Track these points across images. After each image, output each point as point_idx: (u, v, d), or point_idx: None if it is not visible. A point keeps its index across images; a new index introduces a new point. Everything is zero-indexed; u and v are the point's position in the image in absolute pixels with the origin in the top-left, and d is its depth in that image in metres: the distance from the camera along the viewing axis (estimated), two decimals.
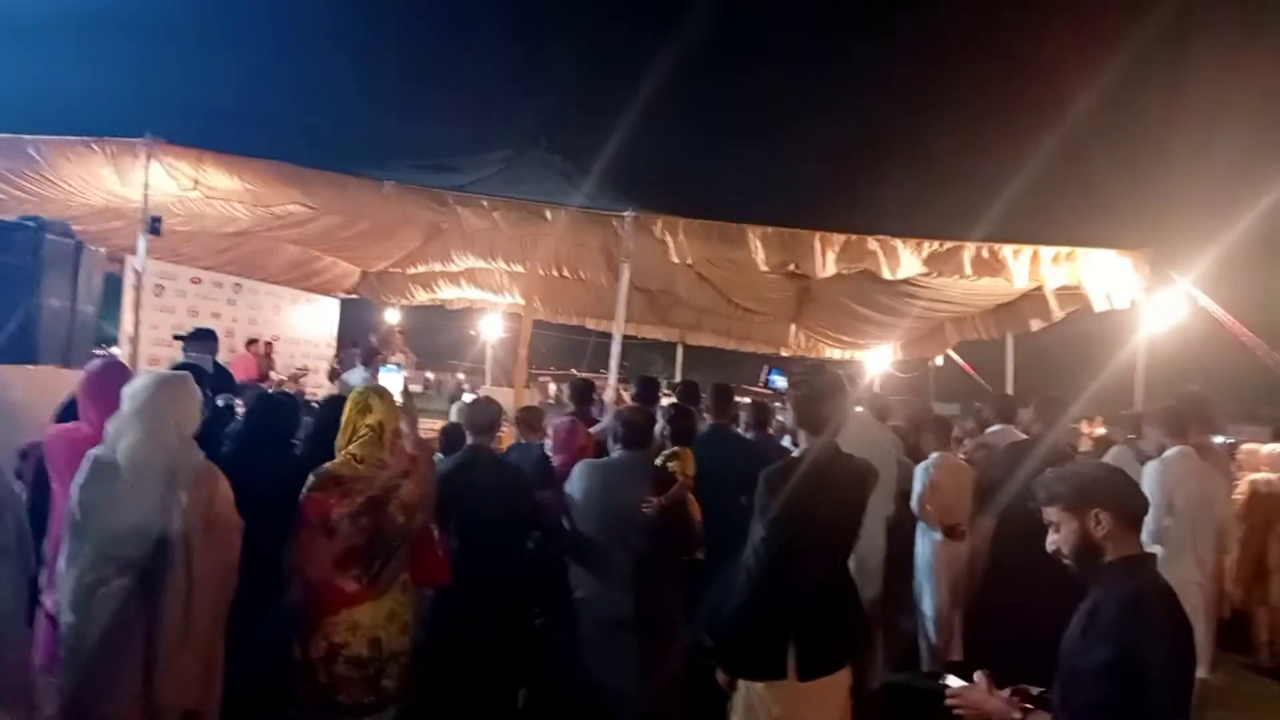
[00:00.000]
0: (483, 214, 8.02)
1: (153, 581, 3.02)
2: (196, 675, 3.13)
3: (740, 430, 5.47)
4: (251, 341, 10.67)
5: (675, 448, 4.25)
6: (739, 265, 9.30)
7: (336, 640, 3.31)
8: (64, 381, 5.36)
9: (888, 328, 11.78)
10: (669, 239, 7.53)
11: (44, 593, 3.18)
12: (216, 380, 5.55)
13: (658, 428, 4.25)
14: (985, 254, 7.46)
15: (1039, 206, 8.97)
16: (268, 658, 3.46)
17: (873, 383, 13.37)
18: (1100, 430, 8.93)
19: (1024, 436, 5.52)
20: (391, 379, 8.03)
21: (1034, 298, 8.90)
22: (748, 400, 11.60)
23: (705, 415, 5.15)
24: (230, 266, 11.43)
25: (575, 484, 3.75)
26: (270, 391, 4.96)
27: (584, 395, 5.63)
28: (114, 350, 9.59)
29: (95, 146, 7.58)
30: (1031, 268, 7.37)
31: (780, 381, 14.68)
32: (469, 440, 4.29)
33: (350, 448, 3.30)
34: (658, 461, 4.06)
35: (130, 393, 3.07)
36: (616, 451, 3.76)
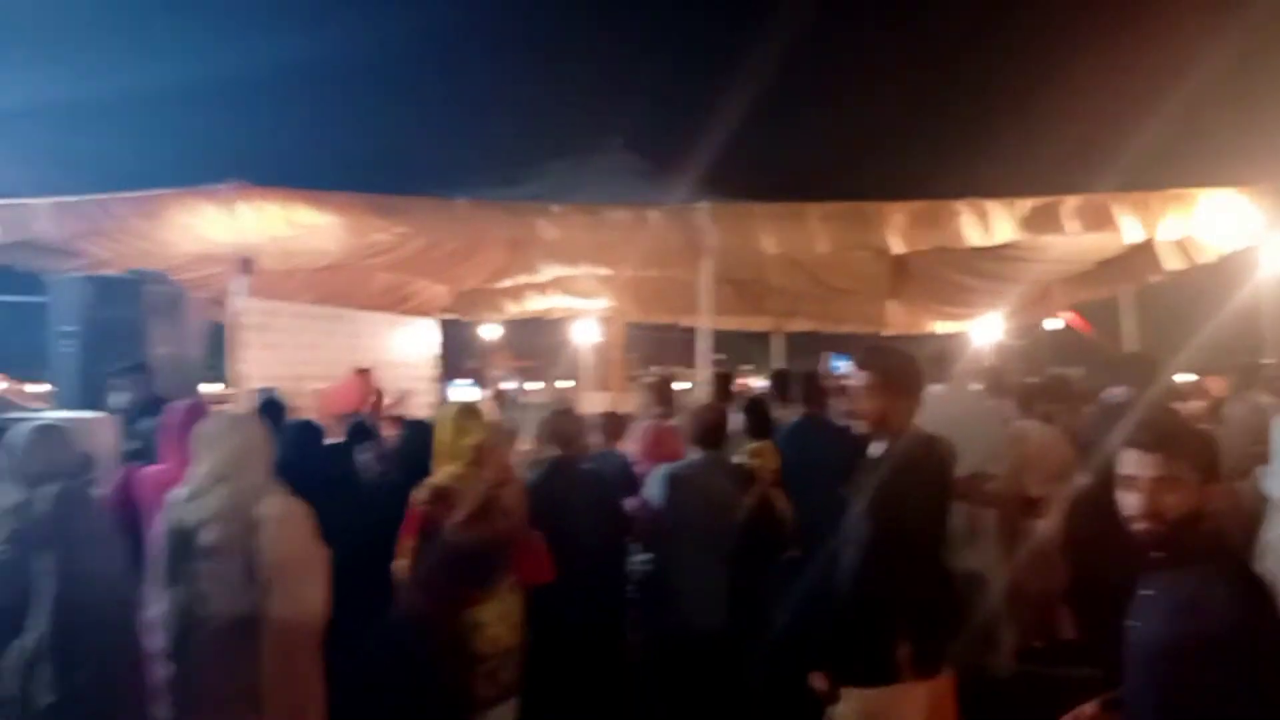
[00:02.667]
0: (556, 221, 8.02)
1: (245, 624, 3.09)
2: (303, 708, 3.20)
3: (835, 418, 5.27)
4: (360, 371, 11.01)
5: (754, 443, 4.14)
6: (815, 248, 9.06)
7: (459, 642, 3.45)
8: None
9: (991, 295, 11.29)
10: (748, 227, 7.36)
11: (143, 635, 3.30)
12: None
13: (736, 423, 4.13)
14: (1087, 205, 7.03)
15: (1142, 152, 8.37)
16: (383, 671, 3.55)
17: (982, 354, 12.81)
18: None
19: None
20: (468, 394, 8.11)
21: (1144, 249, 8.34)
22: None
23: (797, 404, 4.99)
24: (328, 298, 11.79)
25: (654, 491, 3.69)
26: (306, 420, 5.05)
27: (665, 396, 5.54)
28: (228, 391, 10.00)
29: (186, 197, 7.91)
30: (1140, 217, 6.89)
31: (844, 367, 14.17)
32: (553, 453, 4.26)
33: (451, 467, 3.36)
34: (737, 458, 3.95)
35: (202, 439, 3.15)
36: (693, 453, 3.68)
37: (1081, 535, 4.48)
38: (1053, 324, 12.33)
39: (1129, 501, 1.97)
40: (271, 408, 4.67)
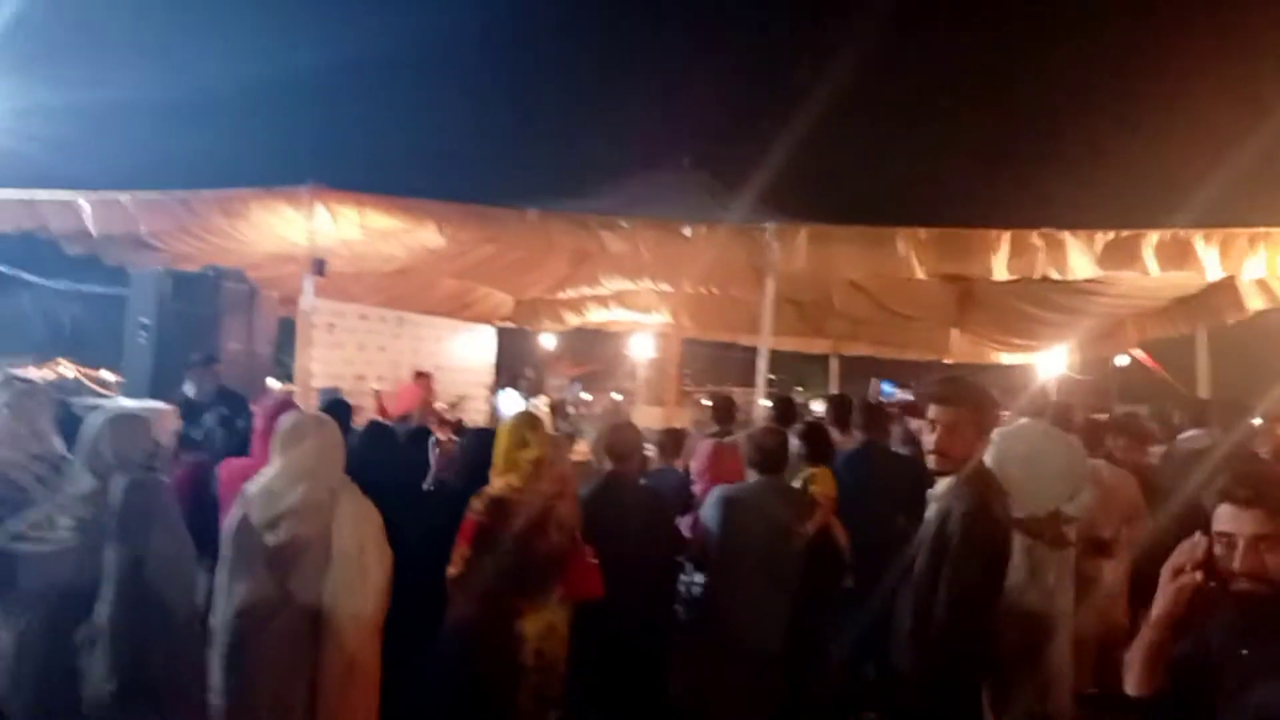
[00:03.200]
0: (624, 235, 8.04)
1: (311, 621, 3.13)
2: (361, 709, 3.23)
3: (895, 446, 5.17)
4: (420, 374, 11.17)
5: (813, 468, 4.06)
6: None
7: (506, 654, 3.45)
8: None
9: (1060, 327, 11.01)
10: (812, 249, 7.29)
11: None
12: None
13: (794, 447, 4.06)
14: (1169, 241, 6.84)
15: (1225, 189, 8.11)
16: (431, 679, 3.57)
17: (1046, 387, 12.50)
18: None
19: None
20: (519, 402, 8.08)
21: (1225, 288, 8.07)
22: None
23: (857, 432, 4.91)
24: (394, 302, 12.00)
25: (710, 514, 3.64)
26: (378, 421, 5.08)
27: (726, 414, 5.50)
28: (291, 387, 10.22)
29: (265, 197, 8.11)
30: (1223, 255, 6.68)
31: (897, 393, 13.64)
32: (608, 466, 4.25)
33: (510, 478, 3.36)
34: (797, 481, 3.88)
35: (281, 437, 3.20)
36: (751, 477, 3.62)
37: (1153, 582, 4.32)
38: (1120, 360, 11.95)
39: (1226, 559, 1.88)
40: (338, 408, 4.74)
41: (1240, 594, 1.83)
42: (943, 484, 2.60)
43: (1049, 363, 12.96)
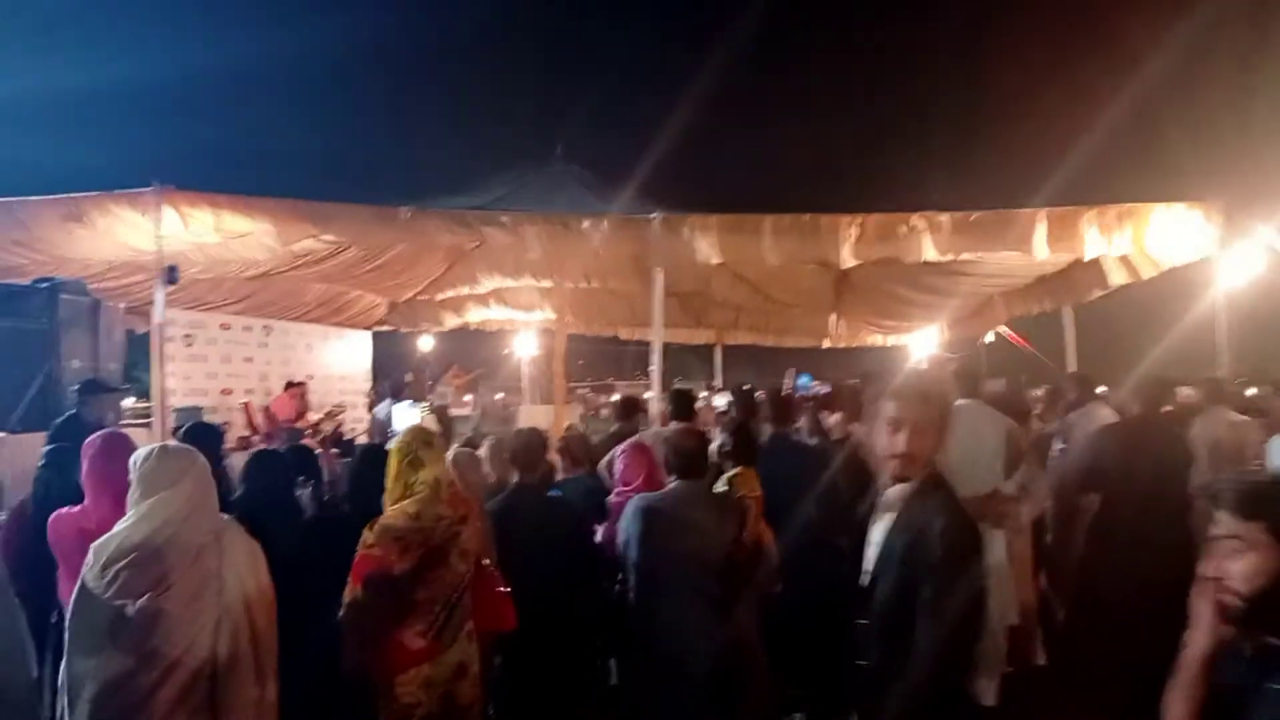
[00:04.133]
0: (507, 231, 7.61)
1: (209, 681, 2.63)
2: None
3: (803, 438, 4.96)
4: (291, 384, 10.38)
5: (736, 469, 3.76)
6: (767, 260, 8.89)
7: (409, 701, 3.01)
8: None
9: (933, 308, 11.24)
10: (699, 239, 7.06)
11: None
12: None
13: (714, 446, 3.76)
14: (1051, 221, 6.93)
15: (1092, 170, 8.35)
16: None
17: (920, 366, 12.76)
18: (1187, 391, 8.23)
19: (1114, 417, 4.97)
20: (410, 415, 7.56)
21: (1087, 264, 8.30)
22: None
23: (766, 424, 4.67)
24: (258, 309, 11.16)
25: (631, 524, 3.28)
26: (266, 449, 4.45)
27: (628, 411, 5.18)
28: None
29: (105, 202, 7.28)
30: (1102, 231, 6.80)
31: (814, 385, 13.44)
32: (515, 477, 3.87)
33: (405, 504, 2.91)
34: (719, 486, 3.59)
35: (141, 479, 2.66)
36: (671, 482, 3.30)
37: (1095, 560, 4.28)
38: (988, 338, 12.30)
39: (1221, 568, 1.74)
40: (205, 434, 4.10)
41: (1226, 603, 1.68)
42: (896, 490, 2.31)
43: (922, 343, 13.25)
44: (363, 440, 9.26)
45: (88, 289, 7.26)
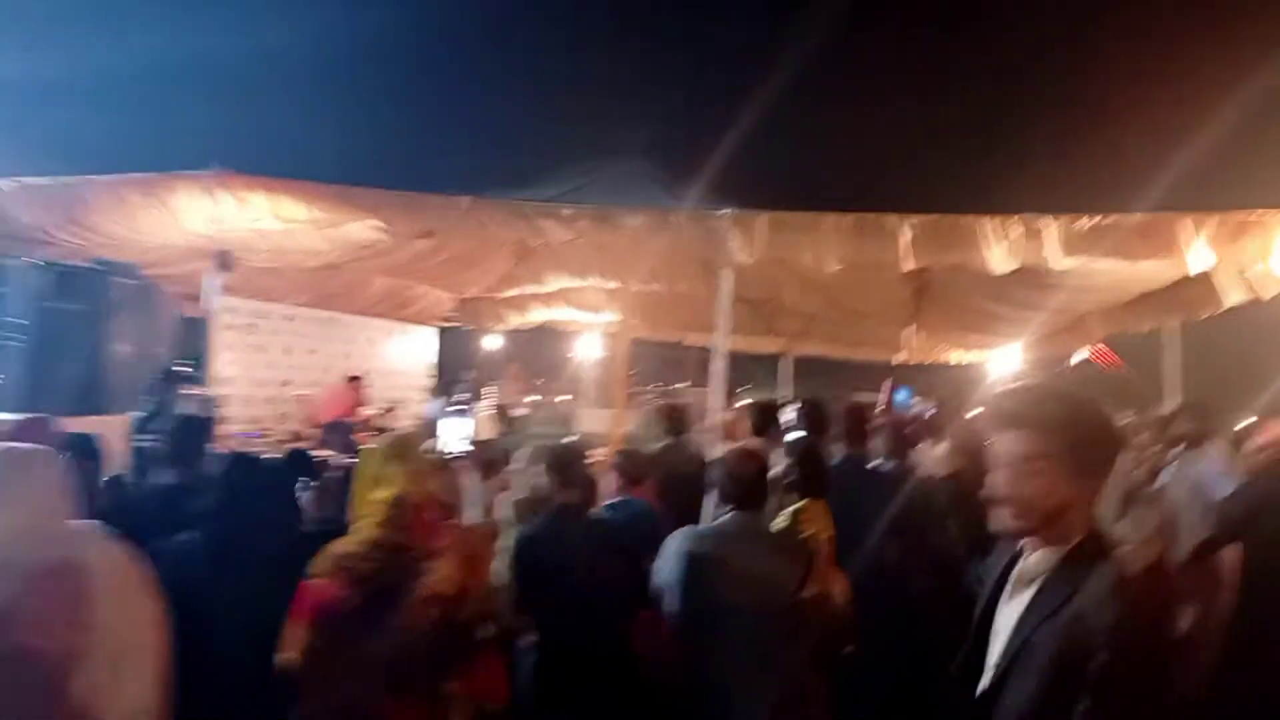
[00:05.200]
0: (565, 225, 7.07)
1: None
2: None
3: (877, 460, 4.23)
4: (351, 378, 10.03)
5: (802, 500, 3.07)
6: (854, 264, 8.16)
7: None
8: None
9: (1019, 324, 10.30)
10: (771, 237, 6.40)
11: None
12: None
13: (776, 472, 3.09)
14: (1151, 229, 6.09)
15: (1204, 173, 7.41)
16: None
17: (1046, 377, 11.82)
18: None
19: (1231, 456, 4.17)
20: (456, 424, 7.01)
21: (1199, 279, 7.37)
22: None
23: (836, 444, 3.97)
24: (324, 301, 10.86)
25: (671, 567, 2.63)
26: (247, 453, 3.81)
27: (677, 421, 4.55)
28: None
29: (163, 184, 6.98)
30: (1212, 243, 5.93)
31: (917, 404, 12.06)
32: (556, 497, 3.28)
33: (360, 526, 2.33)
34: (780, 521, 2.92)
35: None
36: (725, 514, 2.65)
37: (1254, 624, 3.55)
38: (1075, 357, 11.30)
39: None
40: (81, 445, 3.57)
41: None
42: (1040, 559, 1.62)
43: (1003, 361, 12.29)
44: None
45: (139, 272, 6.95)
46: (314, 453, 7.57)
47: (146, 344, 6.86)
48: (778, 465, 3.00)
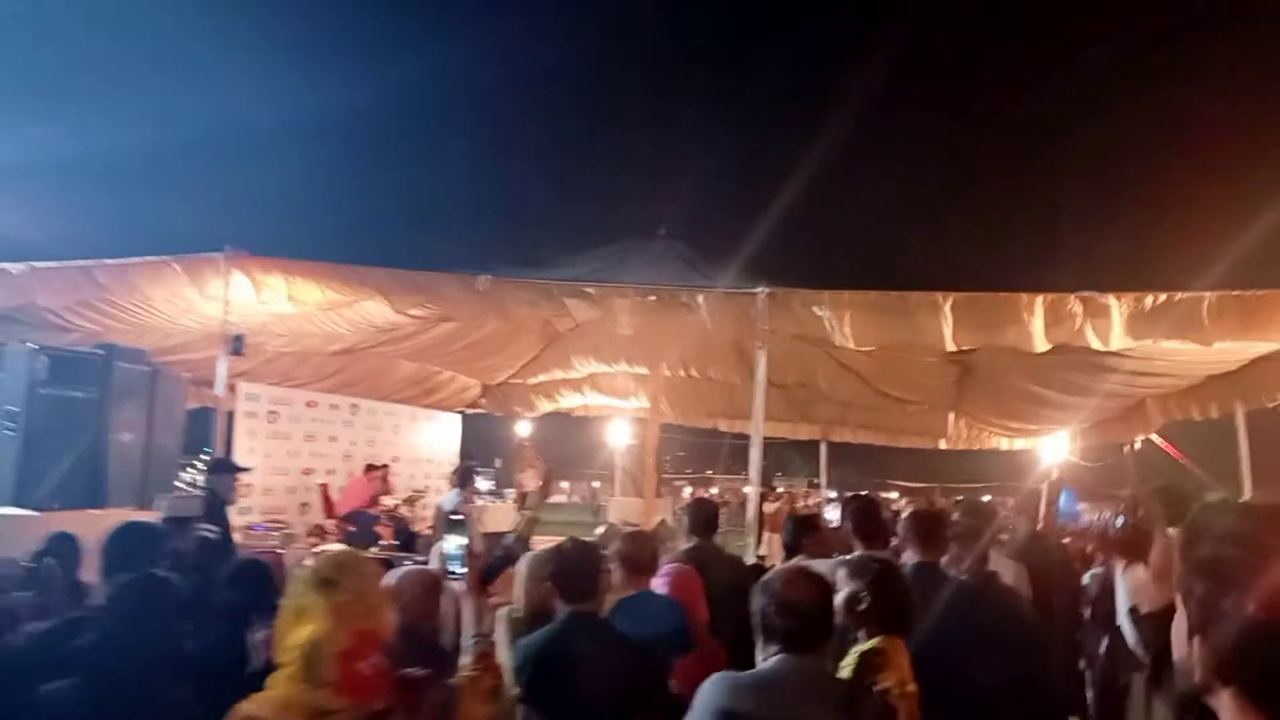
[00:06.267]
0: (593, 304, 6.57)
1: None
2: None
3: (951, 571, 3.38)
4: (371, 468, 9.43)
5: (875, 639, 2.27)
6: (891, 348, 7.53)
7: None
8: None
9: (1069, 410, 9.50)
10: (810, 316, 5.81)
11: None
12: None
13: (840, 597, 2.34)
14: (1230, 303, 5.44)
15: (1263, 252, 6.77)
16: None
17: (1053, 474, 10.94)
18: None
19: None
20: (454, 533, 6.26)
21: (1276, 360, 6.63)
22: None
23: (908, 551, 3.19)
24: (346, 387, 10.41)
25: None
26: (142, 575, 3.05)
27: (706, 521, 3.86)
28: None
29: (176, 266, 6.62)
30: None
31: (1087, 511, 9.86)
32: (562, 607, 2.64)
33: (278, 678, 1.67)
34: (846, 666, 2.19)
35: None
36: (773, 657, 1.94)
37: None
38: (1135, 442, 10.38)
39: None
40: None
41: None
42: None
43: (1051, 447, 11.40)
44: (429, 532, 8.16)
45: (147, 357, 6.50)
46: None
47: (153, 433, 6.36)
48: (843, 588, 2.26)
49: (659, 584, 2.97)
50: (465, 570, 2.49)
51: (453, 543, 2.60)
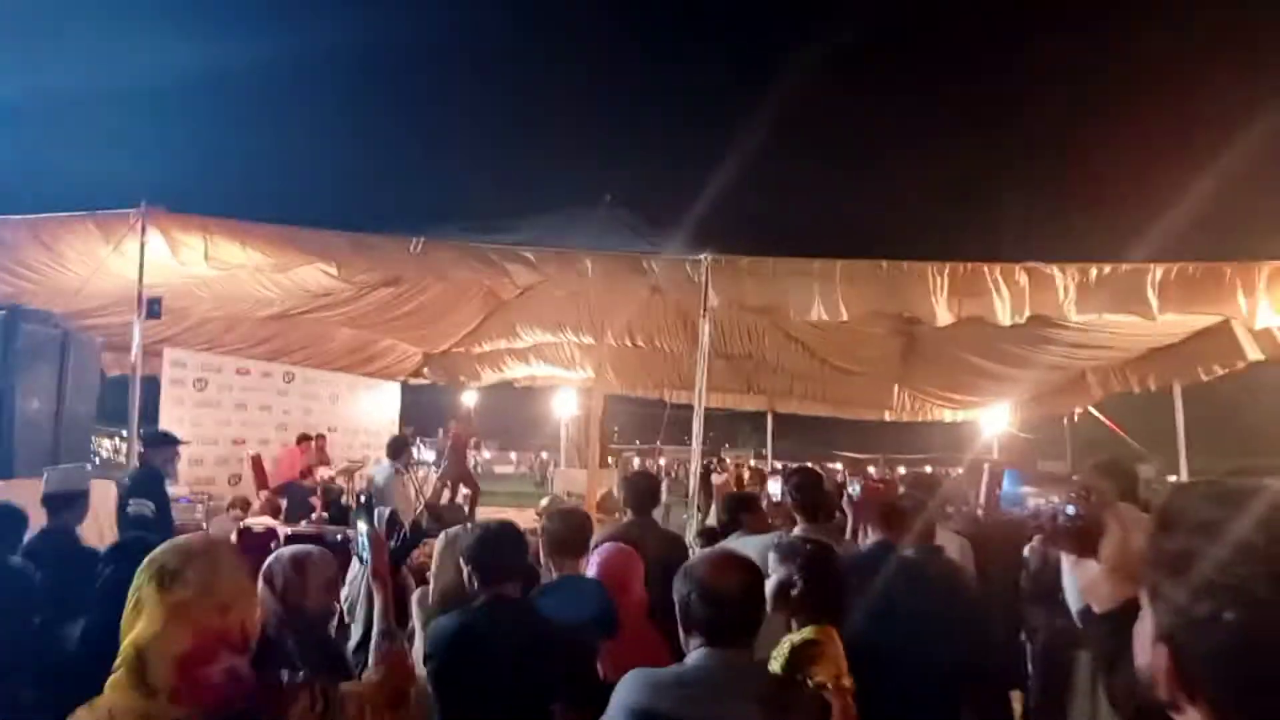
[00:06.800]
0: (532, 268, 6.27)
1: None
2: None
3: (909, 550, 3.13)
4: (304, 438, 9.03)
5: (808, 629, 2.03)
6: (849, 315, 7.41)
7: None
8: None
9: (1011, 382, 9.49)
10: (755, 285, 5.61)
11: None
12: None
13: (771, 583, 2.11)
14: (1183, 276, 5.39)
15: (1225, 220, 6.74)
16: None
17: (994, 445, 11.02)
18: None
19: None
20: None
21: (1217, 334, 6.62)
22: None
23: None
24: (281, 355, 9.96)
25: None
26: None
27: (645, 496, 3.64)
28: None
29: (89, 224, 6.15)
30: (1246, 294, 5.21)
31: (1033, 495, 9.01)
32: (479, 589, 2.40)
33: (111, 682, 1.40)
34: (777, 658, 1.97)
35: None
36: (695, 652, 1.72)
37: None
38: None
39: None
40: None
41: None
42: None
43: (992, 419, 11.46)
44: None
45: (55, 319, 6.05)
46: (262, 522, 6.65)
47: (64, 400, 5.93)
48: (773, 573, 2.04)
49: (591, 564, 2.74)
50: (371, 555, 2.23)
51: (362, 526, 2.34)
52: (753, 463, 16.98)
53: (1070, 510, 1.99)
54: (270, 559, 1.99)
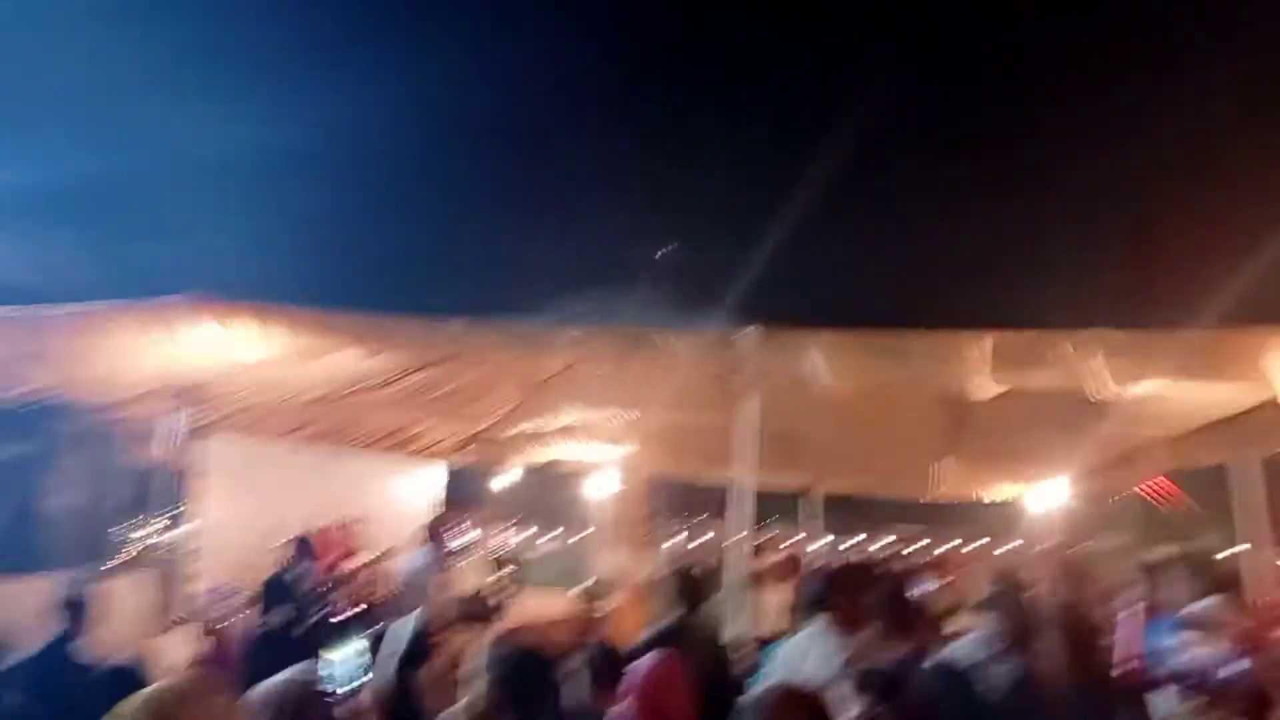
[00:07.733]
0: (572, 349, 6.11)
1: None
2: None
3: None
4: (333, 526, 8.73)
5: None
6: (886, 390, 7.06)
7: None
8: None
9: (1069, 455, 9.02)
10: (805, 359, 5.34)
11: None
12: None
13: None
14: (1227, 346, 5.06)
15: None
16: None
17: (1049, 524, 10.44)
18: None
19: None
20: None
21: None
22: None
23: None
24: (319, 437, 9.80)
25: None
26: None
27: (692, 589, 3.29)
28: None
29: (129, 313, 6.08)
30: None
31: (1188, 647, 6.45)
32: None
33: None
34: None
35: None
36: None
37: None
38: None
39: None
40: None
41: None
42: None
43: (1044, 497, 10.86)
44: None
45: (87, 413, 5.94)
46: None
47: (94, 494, 5.76)
48: (849, 706, 1.69)
49: (633, 686, 2.41)
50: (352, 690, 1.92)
51: (338, 654, 2.03)
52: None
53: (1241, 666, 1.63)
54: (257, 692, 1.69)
